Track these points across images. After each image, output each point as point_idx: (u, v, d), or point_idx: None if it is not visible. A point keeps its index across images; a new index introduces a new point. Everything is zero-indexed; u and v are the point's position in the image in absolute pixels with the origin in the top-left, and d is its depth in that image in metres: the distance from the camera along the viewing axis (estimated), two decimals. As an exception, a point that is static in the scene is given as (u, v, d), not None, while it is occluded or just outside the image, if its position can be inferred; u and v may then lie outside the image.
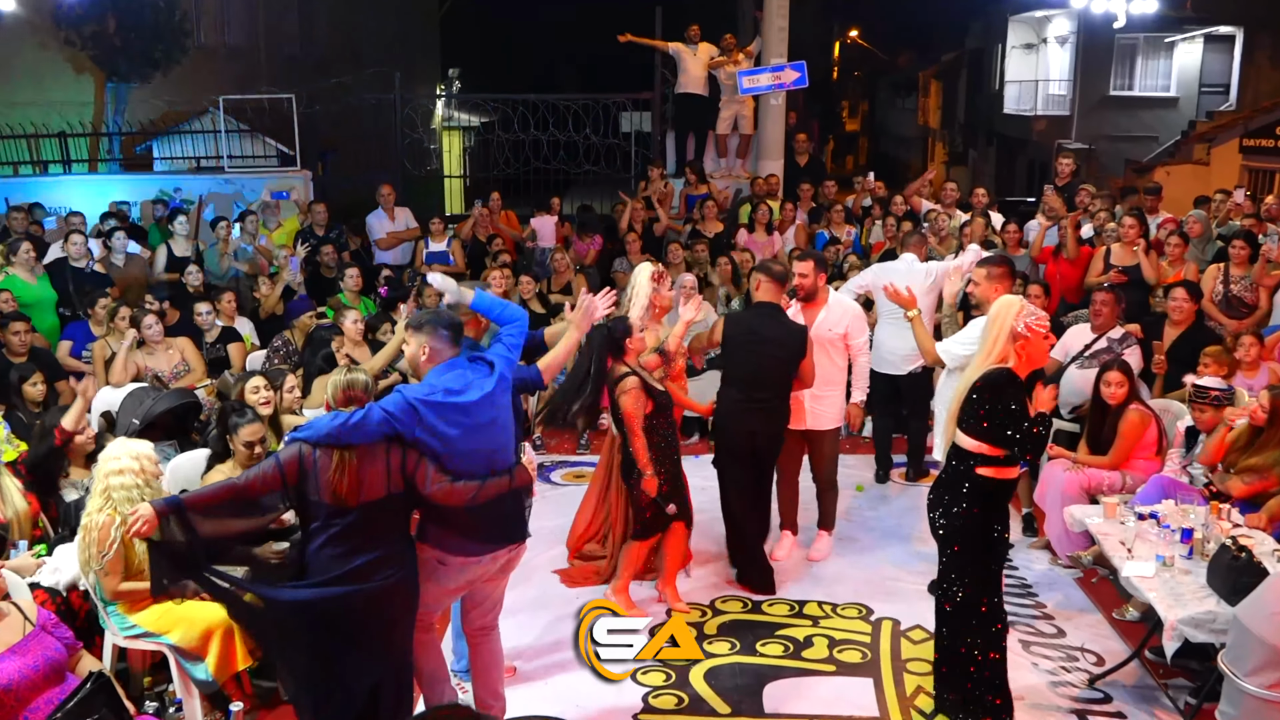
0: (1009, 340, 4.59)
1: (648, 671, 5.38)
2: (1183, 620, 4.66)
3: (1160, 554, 5.08)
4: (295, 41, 22.23)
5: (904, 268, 7.39)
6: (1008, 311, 4.64)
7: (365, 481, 4.05)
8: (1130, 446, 6.48)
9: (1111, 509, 5.66)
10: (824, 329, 6.40)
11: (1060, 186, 10.70)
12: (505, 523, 4.43)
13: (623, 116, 14.00)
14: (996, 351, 4.61)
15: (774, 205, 11.48)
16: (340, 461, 4.03)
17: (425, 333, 4.30)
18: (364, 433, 4.05)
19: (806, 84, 12.70)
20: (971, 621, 4.75)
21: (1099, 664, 5.54)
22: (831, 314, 6.46)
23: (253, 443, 5.33)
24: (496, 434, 4.29)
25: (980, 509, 4.64)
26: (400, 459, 4.10)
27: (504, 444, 4.35)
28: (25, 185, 12.70)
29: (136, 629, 4.81)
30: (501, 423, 4.32)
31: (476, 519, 4.27)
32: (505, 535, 4.45)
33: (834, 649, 5.66)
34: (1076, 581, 6.46)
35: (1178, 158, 20.92)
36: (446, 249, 10.86)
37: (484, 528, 4.34)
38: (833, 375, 6.47)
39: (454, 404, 4.15)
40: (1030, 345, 4.61)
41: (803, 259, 6.54)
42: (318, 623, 4.10)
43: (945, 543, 4.78)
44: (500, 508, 4.31)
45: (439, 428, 4.11)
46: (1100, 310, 7.35)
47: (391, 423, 4.07)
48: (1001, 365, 4.60)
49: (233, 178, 12.97)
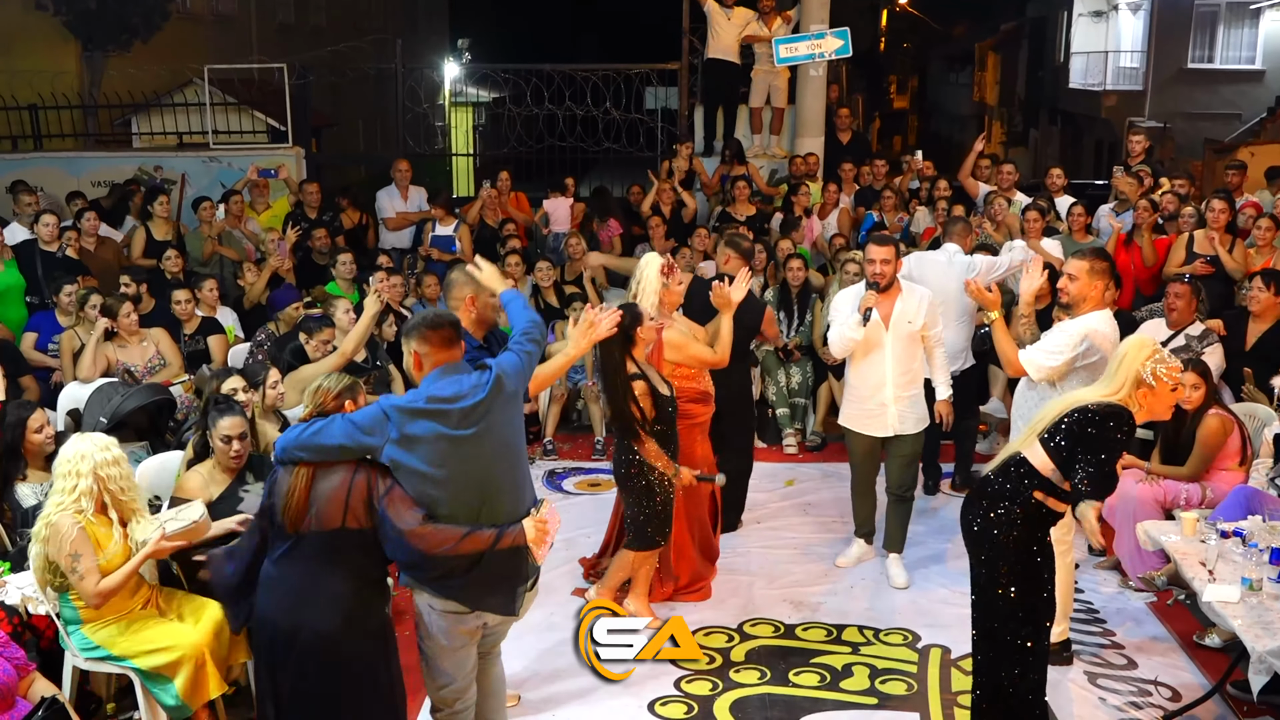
0: (1133, 385, 4.49)
1: (668, 703, 5.33)
2: (1271, 651, 4.55)
3: (1246, 576, 4.97)
4: (288, 7, 22.29)
5: (944, 259, 7.28)
6: (1139, 355, 4.51)
7: (319, 507, 3.93)
8: (1210, 456, 6.37)
9: (1190, 525, 5.56)
10: (903, 321, 6.34)
11: (1132, 168, 10.54)
12: (498, 585, 4.15)
13: (647, 92, 13.91)
14: (1122, 394, 4.49)
15: (814, 187, 11.37)
16: (294, 479, 3.95)
17: (413, 337, 4.17)
18: (323, 445, 3.94)
19: (850, 54, 12.56)
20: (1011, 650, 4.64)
21: (1174, 699, 5.43)
22: (908, 304, 6.37)
23: (231, 437, 5.25)
24: (492, 457, 4.06)
25: (1025, 529, 4.54)
26: (367, 485, 3.93)
27: (504, 473, 4.11)
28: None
29: (99, 651, 4.76)
30: (501, 443, 4.11)
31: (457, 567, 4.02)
32: (491, 601, 4.17)
33: (876, 679, 5.58)
34: (1149, 606, 6.35)
35: (1263, 137, 20.64)
36: (453, 233, 10.82)
37: (473, 578, 4.07)
38: (916, 372, 6.47)
39: (434, 409, 3.97)
40: (1154, 397, 4.49)
41: (881, 243, 6.39)
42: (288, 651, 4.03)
43: (976, 549, 4.70)
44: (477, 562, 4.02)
45: (415, 442, 3.93)
46: (1175, 304, 7.22)
47: (356, 434, 3.94)
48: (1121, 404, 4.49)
49: (218, 155, 12.97)
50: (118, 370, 7.28)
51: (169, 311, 8.07)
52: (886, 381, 6.41)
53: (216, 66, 13.71)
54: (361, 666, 4.06)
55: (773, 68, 12.70)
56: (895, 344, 6.34)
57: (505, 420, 4.14)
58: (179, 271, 9.07)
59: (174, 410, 6.60)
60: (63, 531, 4.64)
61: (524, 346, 4.37)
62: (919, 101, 49.07)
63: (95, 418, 6.13)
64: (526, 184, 12.74)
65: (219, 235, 10.16)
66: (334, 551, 3.95)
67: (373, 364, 7.62)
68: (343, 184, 13.81)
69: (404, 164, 11.48)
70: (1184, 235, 8.93)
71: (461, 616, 4.13)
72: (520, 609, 4.31)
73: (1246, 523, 5.44)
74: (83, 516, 4.66)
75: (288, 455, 3.97)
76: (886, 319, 6.33)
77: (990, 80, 38.98)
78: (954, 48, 43.72)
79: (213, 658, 4.74)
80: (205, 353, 7.97)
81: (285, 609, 4.00)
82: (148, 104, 14.96)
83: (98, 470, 4.72)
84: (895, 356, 6.36)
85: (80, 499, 4.70)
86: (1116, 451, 4.40)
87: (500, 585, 4.15)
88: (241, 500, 5.25)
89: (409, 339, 4.19)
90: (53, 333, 7.94)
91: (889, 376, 6.41)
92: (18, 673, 4.26)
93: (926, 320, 6.39)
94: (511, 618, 4.33)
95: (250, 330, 8.56)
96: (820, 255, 10.46)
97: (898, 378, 6.40)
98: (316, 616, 3.96)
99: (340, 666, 4.02)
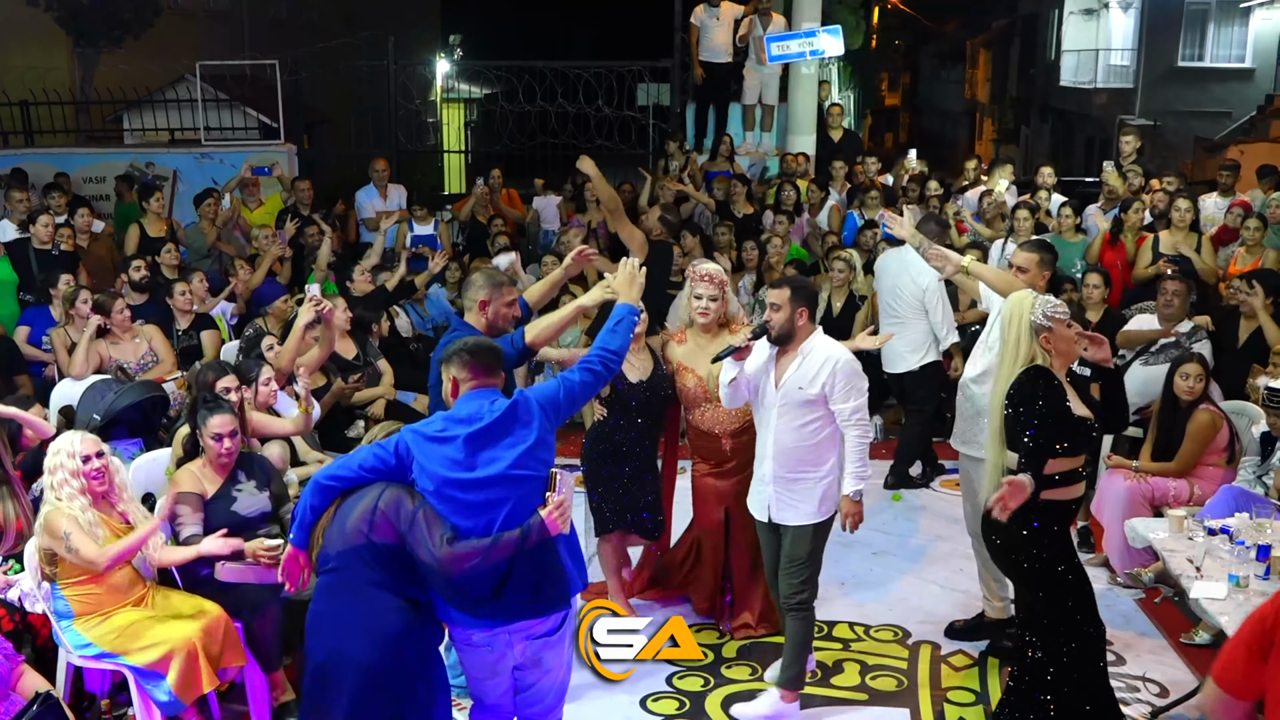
0: (1030, 338, 4.53)
1: (659, 699, 5.35)
2: (1258, 648, 4.56)
3: (1233, 573, 4.98)
4: (280, 3, 22.24)
5: (897, 256, 7.43)
6: (1021, 307, 4.58)
7: (348, 523, 3.89)
8: (1199, 451, 6.39)
9: (1178, 522, 5.57)
10: (792, 387, 5.06)
11: (1122, 166, 10.57)
12: (519, 590, 3.91)
13: (639, 88, 13.92)
14: (1022, 354, 4.55)
15: (802, 185, 11.38)
16: None
17: (453, 363, 4.06)
18: (346, 473, 3.95)
19: (842, 52, 12.59)
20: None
21: (1162, 695, 5.46)
22: (808, 365, 5.06)
23: (221, 435, 5.22)
24: (505, 480, 3.89)
25: (1047, 537, 4.58)
26: (397, 506, 3.86)
27: (517, 498, 3.91)
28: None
29: (93, 648, 4.78)
30: (515, 467, 3.91)
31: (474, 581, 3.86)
32: (518, 607, 3.94)
33: (866, 675, 5.60)
34: (1137, 603, 6.37)
35: (1253, 135, 20.69)
36: (434, 232, 10.81)
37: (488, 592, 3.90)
38: (808, 454, 5.12)
39: (441, 436, 3.89)
40: (1056, 337, 4.54)
41: (777, 286, 5.16)
42: None
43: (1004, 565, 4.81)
44: (508, 571, 3.85)
45: (427, 465, 3.87)
46: (1172, 301, 7.26)
47: (380, 458, 3.93)
48: (1031, 366, 4.54)
49: (210, 151, 12.95)
50: (110, 367, 7.27)
51: (158, 309, 8.05)
52: (766, 455, 5.21)
53: (208, 63, 13.65)
54: (408, 696, 3.93)
55: (765, 65, 12.71)
56: (782, 412, 5.09)
57: (514, 447, 3.94)
58: (176, 266, 9.06)
59: (167, 407, 6.59)
60: (53, 522, 4.67)
61: (575, 375, 4.17)
62: (910, 98, 49.15)
63: (89, 415, 6.11)
64: (518, 181, 12.74)
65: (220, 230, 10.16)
66: (367, 581, 3.85)
67: (364, 361, 7.62)
68: (334, 180, 13.78)
69: (382, 163, 11.44)
70: (1150, 237, 8.98)
71: (490, 646, 4.01)
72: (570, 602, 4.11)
73: (1234, 520, 5.45)
74: (75, 508, 4.68)
75: (321, 486, 3.96)
76: (779, 378, 5.14)
77: (981, 77, 39.02)
78: (945, 45, 43.75)
79: (205, 653, 4.74)
80: (198, 348, 7.96)
81: (328, 639, 3.90)
82: (140, 100, 14.92)
83: (78, 464, 4.75)
84: (778, 427, 5.11)
85: (70, 494, 4.72)
86: (1051, 404, 4.45)
87: (537, 585, 3.96)
88: (235, 500, 5.24)
89: (448, 365, 4.08)
90: (46, 327, 7.92)
91: (768, 450, 5.18)
92: (8, 665, 4.26)
93: (833, 392, 5.02)
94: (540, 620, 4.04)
95: (238, 328, 8.55)
96: (812, 254, 10.47)
97: (778, 454, 5.12)
98: (360, 646, 3.84)
99: (385, 696, 3.88)
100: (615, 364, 4.26)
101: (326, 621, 3.90)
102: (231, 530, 5.06)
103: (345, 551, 3.85)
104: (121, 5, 15.98)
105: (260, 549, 4.98)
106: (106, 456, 4.93)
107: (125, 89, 14.57)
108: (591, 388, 4.23)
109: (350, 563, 3.84)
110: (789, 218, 10.52)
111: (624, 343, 4.31)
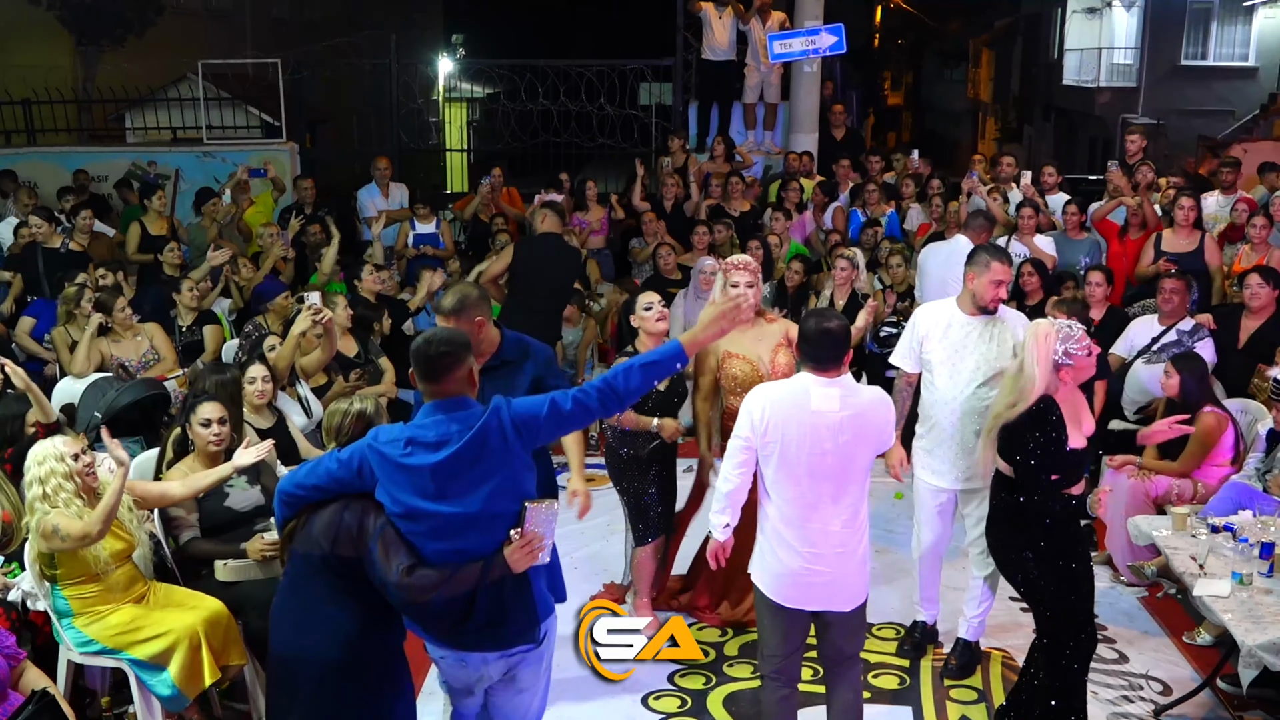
0: (1048, 370, 4.51)
1: (660, 697, 5.34)
2: (1261, 645, 4.56)
3: (1237, 571, 4.99)
4: (283, 2, 22.26)
5: (946, 250, 7.37)
6: (1041, 338, 4.53)
7: (310, 530, 3.79)
8: (1203, 454, 6.37)
9: (1181, 520, 5.56)
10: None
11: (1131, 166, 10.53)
12: (479, 623, 3.73)
13: (642, 87, 13.92)
14: (1028, 379, 4.53)
15: (807, 184, 11.37)
16: None
17: (412, 362, 3.80)
18: (301, 493, 3.81)
19: (844, 50, 12.55)
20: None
21: (1165, 694, 5.45)
22: None
23: (210, 420, 5.18)
24: (479, 518, 3.66)
25: (1045, 542, 4.62)
26: (358, 523, 3.70)
27: (488, 534, 3.69)
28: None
29: (94, 644, 4.76)
30: (489, 503, 3.66)
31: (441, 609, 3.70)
32: (478, 641, 3.79)
33: (869, 674, 5.57)
34: (1140, 601, 6.37)
35: (1256, 134, 20.67)
36: (436, 230, 10.80)
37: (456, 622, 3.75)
38: None
39: (406, 464, 3.64)
40: (1076, 371, 4.57)
41: None
42: None
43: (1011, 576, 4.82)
44: (470, 604, 3.68)
45: (392, 489, 3.67)
46: (1171, 298, 7.24)
47: (339, 479, 3.75)
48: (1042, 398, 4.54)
49: (212, 150, 12.95)
50: (112, 365, 7.27)
51: (158, 307, 8.05)
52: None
53: (211, 61, 13.68)
54: (368, 696, 3.85)
55: (766, 63, 12.70)
56: None
57: (490, 480, 3.67)
58: (179, 264, 9.06)
59: (168, 405, 6.57)
60: (42, 526, 4.64)
61: (567, 401, 3.74)
62: (913, 97, 49.02)
63: (90, 413, 6.12)
64: (520, 179, 12.74)
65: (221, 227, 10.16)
66: (327, 584, 3.77)
67: (365, 359, 7.61)
68: (336, 179, 13.79)
69: (384, 161, 11.44)
70: (1153, 234, 8.95)
71: (461, 663, 3.90)
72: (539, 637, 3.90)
73: (1237, 518, 5.46)
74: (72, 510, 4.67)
75: (285, 496, 3.85)
76: None
77: (985, 76, 38.92)
78: (948, 44, 43.66)
79: (207, 644, 4.71)
80: (201, 344, 7.96)
81: (288, 637, 3.84)
82: (142, 99, 14.95)
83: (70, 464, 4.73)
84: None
85: (66, 498, 4.69)
86: (1048, 437, 4.49)
87: (499, 620, 3.77)
88: (228, 495, 5.24)
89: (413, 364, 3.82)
90: (51, 321, 7.90)
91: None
92: (8, 661, 4.25)
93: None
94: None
95: (238, 326, 8.55)
96: (815, 252, 10.46)
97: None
98: (318, 645, 3.77)
99: (345, 696, 3.80)
100: (616, 408, 3.81)
101: (286, 619, 3.84)
102: (226, 524, 5.08)
103: (308, 554, 3.77)
104: (124, 4, 16.01)
105: (261, 547, 4.99)
106: (88, 452, 4.91)
107: (127, 88, 14.59)
108: (579, 421, 3.83)
109: (312, 564, 3.77)
110: (787, 215, 10.52)
111: (644, 387, 3.81)
